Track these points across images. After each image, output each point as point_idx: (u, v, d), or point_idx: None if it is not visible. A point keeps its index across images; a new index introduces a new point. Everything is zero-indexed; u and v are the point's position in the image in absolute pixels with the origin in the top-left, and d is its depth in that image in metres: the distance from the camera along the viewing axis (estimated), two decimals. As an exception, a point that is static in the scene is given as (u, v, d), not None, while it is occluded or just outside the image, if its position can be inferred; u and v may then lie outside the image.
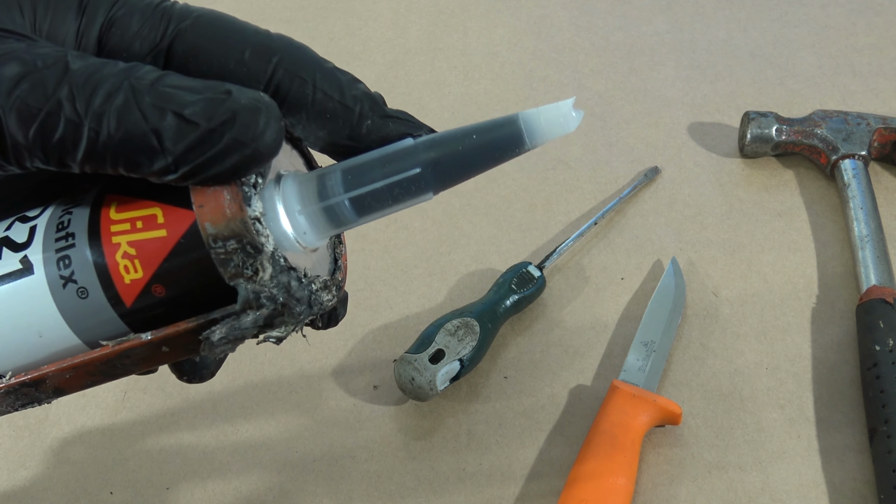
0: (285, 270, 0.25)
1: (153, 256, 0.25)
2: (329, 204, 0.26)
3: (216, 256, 0.25)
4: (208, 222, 0.24)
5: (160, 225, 0.25)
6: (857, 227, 0.61)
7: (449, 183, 0.26)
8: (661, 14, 0.84)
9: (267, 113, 0.24)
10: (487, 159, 0.25)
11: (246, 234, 0.24)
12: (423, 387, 0.51)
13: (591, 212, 0.66)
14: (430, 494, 0.50)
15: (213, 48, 0.26)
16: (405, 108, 0.82)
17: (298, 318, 0.27)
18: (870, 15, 0.83)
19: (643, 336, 0.56)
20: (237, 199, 0.24)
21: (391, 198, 0.26)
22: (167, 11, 0.27)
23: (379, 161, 0.26)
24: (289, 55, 0.26)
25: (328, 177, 0.26)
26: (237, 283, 0.25)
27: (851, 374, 0.55)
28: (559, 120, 0.25)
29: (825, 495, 0.49)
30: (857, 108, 0.73)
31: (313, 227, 0.26)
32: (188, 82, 0.24)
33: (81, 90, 0.23)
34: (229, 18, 0.27)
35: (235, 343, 0.26)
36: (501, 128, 0.25)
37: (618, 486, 0.47)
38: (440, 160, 0.25)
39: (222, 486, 0.51)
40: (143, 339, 0.26)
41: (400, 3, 0.86)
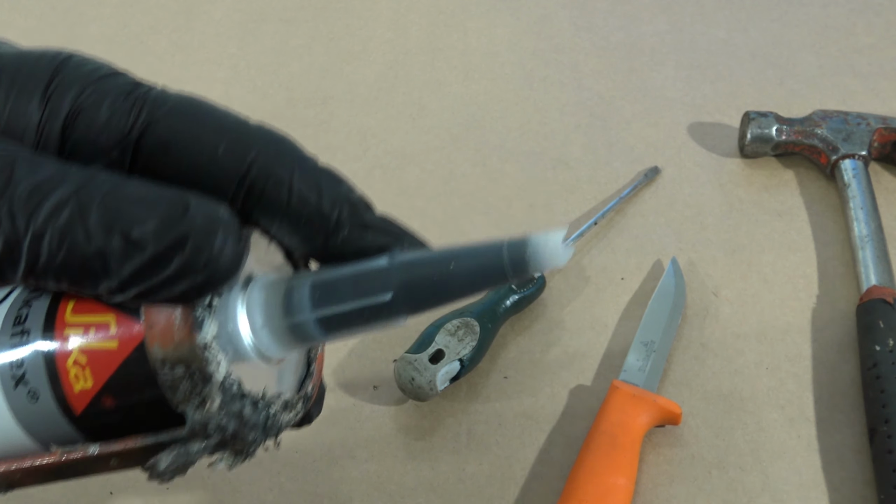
0: (237, 398, 0.24)
1: (103, 367, 0.24)
2: (295, 321, 0.24)
3: (163, 381, 0.23)
4: (156, 344, 0.23)
5: (112, 336, 0.24)
6: (857, 227, 0.61)
7: (423, 309, 0.24)
8: (661, 14, 0.84)
9: (224, 234, 0.22)
10: (465, 289, 0.23)
11: (194, 361, 0.23)
12: (423, 387, 0.51)
13: (591, 212, 0.66)
14: (430, 494, 0.50)
15: (185, 142, 0.24)
16: (405, 107, 0.82)
17: (251, 446, 0.25)
18: (870, 15, 0.83)
19: (643, 336, 0.56)
20: (188, 323, 0.23)
21: (361, 320, 0.24)
22: (139, 99, 0.25)
23: (350, 280, 0.24)
24: (266, 151, 0.24)
25: (296, 291, 0.24)
26: (185, 411, 0.24)
27: (851, 374, 0.55)
28: (547, 254, 0.22)
29: (825, 495, 0.49)
30: (857, 108, 0.73)
31: (277, 343, 0.25)
32: (145, 193, 0.22)
33: (23, 206, 0.21)
34: (207, 107, 0.25)
35: (184, 468, 0.25)
36: (483, 256, 0.23)
37: (618, 486, 0.47)
38: (413, 287, 0.23)
39: (222, 486, 0.51)
40: (89, 453, 0.25)
41: (400, 3, 0.86)
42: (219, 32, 0.84)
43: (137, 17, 0.86)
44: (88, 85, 0.25)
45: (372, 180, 0.69)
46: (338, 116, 0.74)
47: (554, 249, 0.22)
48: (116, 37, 0.84)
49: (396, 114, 0.75)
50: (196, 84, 0.78)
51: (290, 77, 0.79)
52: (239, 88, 0.77)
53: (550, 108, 0.74)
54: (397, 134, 0.73)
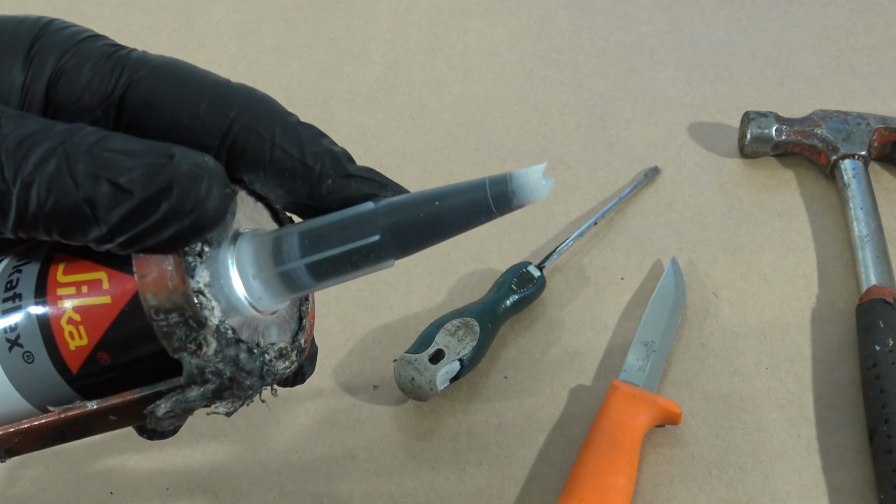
0: (233, 343, 0.24)
1: (98, 323, 0.24)
2: (285, 269, 0.25)
3: (158, 329, 0.24)
4: (150, 294, 0.23)
5: (105, 291, 0.24)
6: (857, 227, 0.61)
7: (411, 250, 0.24)
8: (661, 14, 0.84)
9: (209, 180, 0.22)
10: (451, 227, 0.24)
11: (188, 307, 0.23)
12: (423, 387, 0.51)
13: (591, 212, 0.66)
14: (430, 494, 0.50)
15: (167, 101, 0.25)
16: (405, 107, 0.82)
17: (248, 392, 0.26)
18: (870, 15, 0.83)
19: (643, 336, 0.56)
20: (179, 270, 0.23)
21: (350, 264, 0.24)
22: (121, 60, 0.25)
23: (337, 226, 0.24)
24: (247, 108, 0.25)
25: (284, 240, 0.25)
26: (181, 357, 0.24)
27: (851, 374, 0.55)
28: (529, 187, 0.23)
29: (825, 495, 0.49)
30: (857, 108, 0.73)
31: (269, 292, 0.25)
32: (130, 145, 0.22)
33: (11, 157, 0.22)
34: (187, 67, 0.26)
35: (183, 416, 0.25)
36: (467, 194, 0.23)
37: (618, 486, 0.47)
38: (400, 227, 0.24)
39: (222, 486, 0.51)
40: (88, 409, 0.25)
41: (400, 3, 0.86)
42: (219, 32, 0.84)
43: (137, 17, 0.86)
44: (70, 48, 0.25)
45: (372, 180, 0.68)
46: (338, 116, 0.74)
47: (535, 183, 0.22)
48: (116, 37, 0.83)
49: (396, 114, 0.75)
50: (196, 84, 0.78)
51: (290, 77, 0.79)
52: (239, 88, 0.77)
53: (550, 108, 0.74)
54: (397, 134, 0.73)
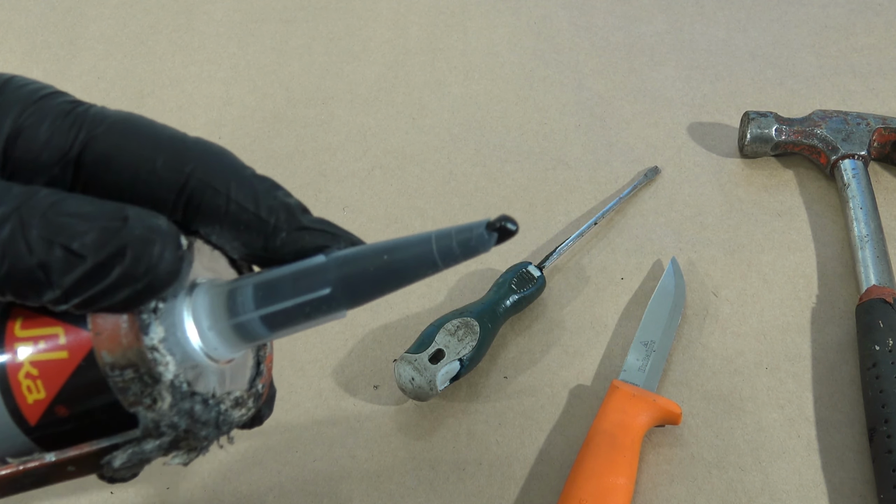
0: (187, 397, 0.25)
1: (55, 378, 0.25)
2: (239, 321, 0.25)
3: (114, 384, 0.24)
4: (105, 350, 0.24)
5: (62, 346, 0.24)
6: (856, 227, 0.61)
7: (361, 302, 0.25)
8: (661, 14, 0.84)
9: (162, 243, 0.23)
10: (400, 280, 0.24)
11: (142, 364, 0.24)
12: (423, 387, 0.51)
13: (591, 212, 0.66)
14: (430, 494, 0.50)
15: (124, 157, 0.25)
16: (405, 107, 0.82)
17: (204, 442, 0.26)
18: (870, 15, 0.83)
19: (643, 336, 0.56)
20: (134, 328, 0.24)
21: (303, 316, 0.25)
22: (79, 117, 0.26)
23: (290, 278, 0.25)
24: (203, 163, 0.25)
25: (239, 292, 0.25)
26: (137, 411, 0.24)
27: (851, 374, 0.55)
28: (471, 243, 0.23)
29: (825, 495, 0.49)
30: (856, 108, 0.73)
31: (224, 343, 0.26)
32: (84, 208, 0.23)
33: None
34: (145, 123, 0.26)
35: (139, 466, 0.26)
36: (414, 248, 0.24)
37: (618, 486, 0.47)
38: (350, 280, 0.25)
39: (222, 486, 0.51)
40: (47, 461, 0.26)
41: (400, 3, 0.86)
42: (219, 32, 0.84)
43: (137, 17, 0.86)
44: (29, 105, 0.25)
45: (372, 180, 0.69)
46: (338, 116, 0.74)
47: (477, 238, 0.23)
48: (116, 37, 0.84)
49: (396, 114, 0.75)
50: (196, 84, 0.78)
51: (290, 77, 0.79)
52: (239, 88, 0.77)
53: (550, 108, 0.74)
54: (397, 134, 0.73)
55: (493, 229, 0.23)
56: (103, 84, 0.78)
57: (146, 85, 0.78)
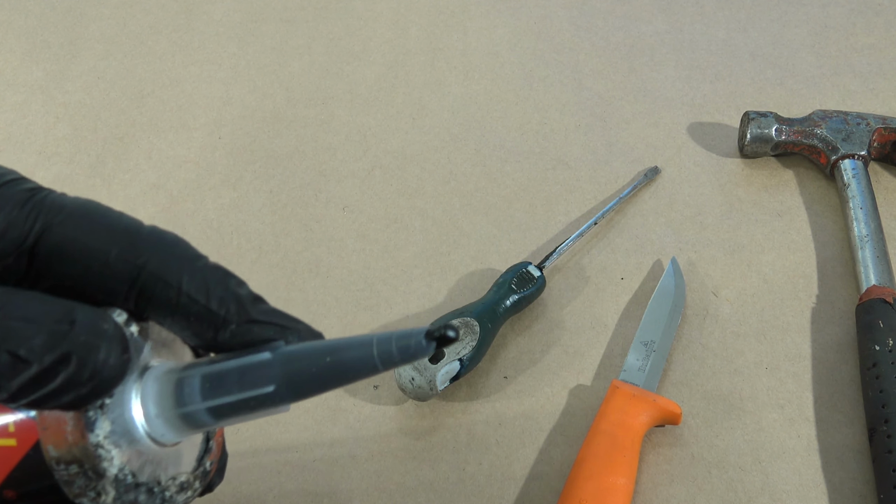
0: (132, 489, 0.25)
1: (4, 463, 0.25)
2: (186, 411, 0.26)
3: (59, 477, 0.25)
4: (51, 445, 0.24)
5: (11, 434, 0.25)
6: (856, 227, 0.61)
7: (303, 397, 0.26)
8: (661, 14, 0.84)
9: (107, 349, 0.23)
10: (341, 378, 0.25)
11: (86, 460, 0.24)
12: (423, 387, 0.51)
13: (591, 212, 0.66)
14: (430, 494, 0.50)
15: (78, 249, 0.26)
16: (405, 107, 0.82)
17: None
18: (870, 15, 0.83)
19: (643, 336, 0.56)
20: (79, 426, 0.24)
21: (247, 408, 0.26)
22: (35, 206, 0.26)
23: (236, 373, 0.26)
24: (155, 256, 0.26)
25: (187, 382, 0.26)
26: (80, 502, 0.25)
27: (851, 373, 0.55)
28: (410, 349, 0.24)
29: (825, 495, 0.50)
30: (856, 108, 0.73)
31: (171, 430, 0.26)
32: (32, 310, 0.23)
33: None
34: (102, 212, 0.27)
35: None
36: (356, 350, 0.25)
37: (618, 486, 0.47)
38: (294, 378, 0.25)
39: (222, 486, 0.51)
40: None
41: (400, 3, 0.86)
42: (219, 32, 0.84)
43: (137, 17, 0.86)
44: None
45: (372, 180, 0.69)
46: (338, 116, 0.74)
47: (416, 345, 0.24)
48: (116, 37, 0.84)
49: (396, 114, 0.75)
50: (196, 84, 0.78)
51: (290, 77, 0.79)
52: (239, 88, 0.77)
53: (550, 108, 0.74)
54: (397, 134, 0.73)
55: (432, 338, 0.24)
56: (103, 84, 0.78)
57: (146, 85, 0.78)
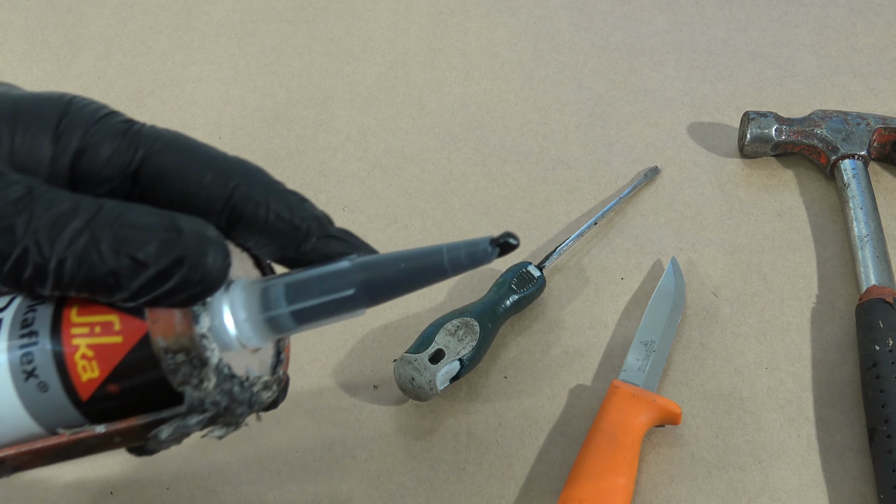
0: (228, 378, 0.28)
1: (109, 359, 0.28)
2: (272, 315, 0.29)
3: (166, 366, 0.27)
4: (160, 336, 0.27)
5: (116, 332, 0.28)
6: (856, 227, 0.61)
7: (379, 301, 0.28)
8: (661, 14, 0.84)
9: (214, 252, 0.27)
10: (413, 284, 0.28)
11: (193, 349, 0.27)
12: (423, 387, 0.51)
13: (591, 212, 0.66)
14: (430, 494, 0.50)
15: (177, 173, 0.29)
16: (405, 107, 0.82)
17: (239, 419, 0.30)
18: (870, 15, 0.83)
19: (643, 336, 0.56)
20: (187, 318, 0.27)
21: (327, 312, 0.29)
22: (136, 136, 0.29)
23: (318, 279, 0.29)
24: (245, 180, 0.29)
25: (272, 290, 0.29)
26: (184, 390, 0.28)
27: (851, 374, 0.55)
28: (477, 255, 0.27)
29: (825, 495, 0.50)
30: (856, 108, 0.73)
31: (257, 334, 0.29)
32: (144, 219, 0.26)
33: (46, 236, 0.25)
34: (193, 143, 0.30)
35: (180, 439, 0.29)
36: (428, 258, 0.28)
37: (618, 486, 0.47)
38: (371, 284, 0.28)
39: (222, 486, 0.51)
40: (96, 432, 0.29)
41: (400, 3, 0.86)
42: (219, 32, 0.84)
43: (137, 17, 0.86)
44: (91, 125, 0.29)
45: (372, 180, 0.69)
46: (338, 116, 0.74)
47: (482, 251, 0.27)
48: (116, 37, 0.84)
49: (396, 114, 0.75)
50: (196, 84, 0.78)
51: (290, 77, 0.79)
52: (239, 88, 0.77)
53: (550, 108, 0.74)
54: (397, 134, 0.73)
55: (497, 244, 0.27)
56: (103, 84, 0.78)
57: (146, 85, 0.78)
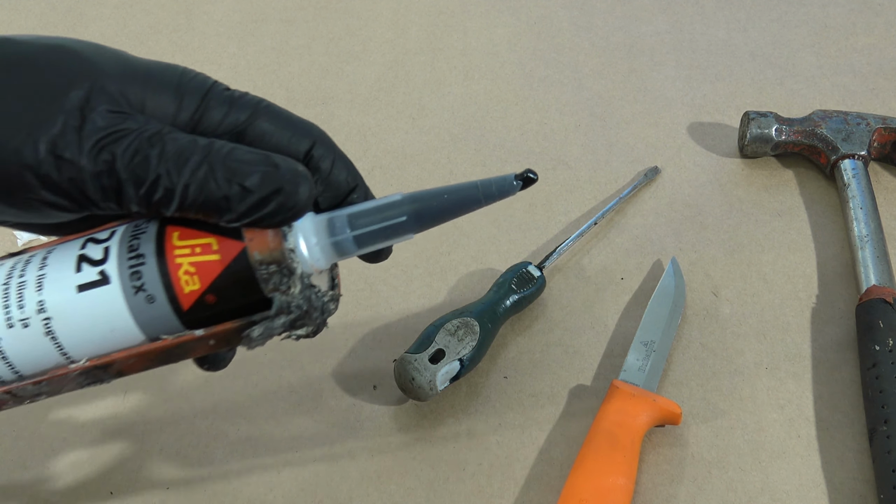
0: (308, 287, 0.35)
1: (208, 274, 0.34)
2: (337, 239, 0.35)
3: (260, 276, 0.34)
4: (256, 251, 0.33)
5: (214, 251, 0.34)
6: (856, 227, 0.61)
7: (426, 227, 0.35)
8: (661, 14, 0.84)
9: (305, 183, 0.33)
10: (453, 212, 0.35)
11: (283, 260, 0.33)
12: (423, 387, 0.51)
13: (591, 212, 0.66)
14: (430, 494, 0.50)
15: (273, 133, 0.36)
16: (405, 107, 0.82)
17: (315, 321, 0.36)
18: (870, 15, 0.83)
19: (643, 336, 0.56)
20: (278, 236, 0.33)
21: (383, 236, 0.35)
22: (239, 103, 0.36)
23: (375, 210, 0.35)
24: (320, 140, 0.37)
25: (337, 219, 0.35)
26: (274, 296, 0.34)
27: (851, 373, 0.55)
28: (505, 187, 0.34)
29: (825, 495, 0.50)
30: (857, 108, 0.73)
31: (324, 255, 0.35)
32: (249, 156, 0.33)
33: (175, 167, 0.32)
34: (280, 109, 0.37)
35: (267, 339, 0.35)
36: (465, 191, 0.35)
37: (618, 486, 0.47)
38: (419, 211, 0.35)
39: (222, 486, 0.51)
40: (196, 335, 0.35)
41: (400, 3, 0.86)
42: (219, 32, 0.84)
43: (137, 17, 0.86)
44: (205, 92, 0.36)
45: (372, 180, 0.68)
46: (338, 116, 0.74)
47: (509, 184, 0.34)
48: (116, 37, 0.84)
49: (396, 114, 0.75)
50: (196, 84, 0.78)
51: (290, 77, 0.79)
52: (239, 88, 0.77)
53: (550, 108, 0.74)
54: (397, 134, 0.73)
55: (520, 178, 0.34)
56: (103, 84, 0.78)
57: (146, 85, 0.78)
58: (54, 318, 0.35)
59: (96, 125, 0.32)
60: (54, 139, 0.31)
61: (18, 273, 0.35)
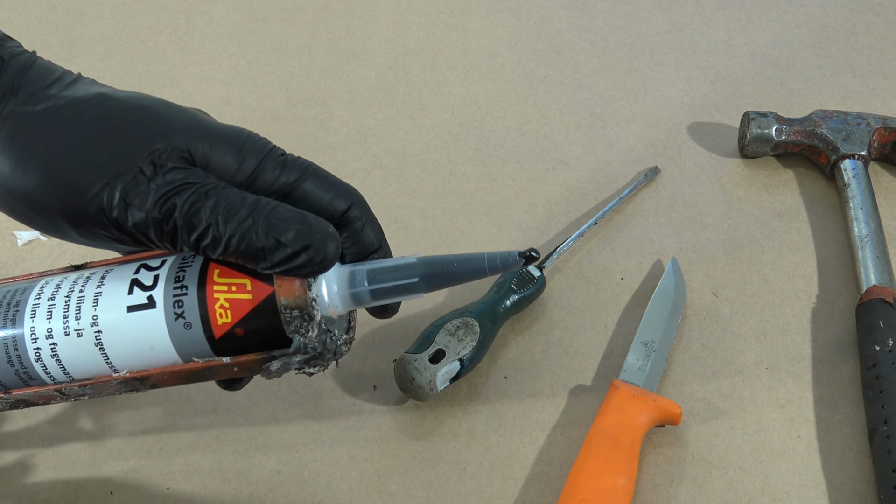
0: (325, 332, 0.39)
1: (240, 310, 0.38)
2: (356, 291, 0.40)
3: (284, 318, 0.38)
4: (283, 296, 0.38)
5: (248, 291, 0.38)
6: (857, 227, 0.61)
7: (433, 289, 0.39)
8: (661, 14, 0.84)
9: (332, 243, 0.38)
10: (460, 279, 0.39)
11: (306, 307, 0.38)
12: (423, 387, 0.51)
13: (591, 212, 0.66)
14: (430, 494, 0.50)
15: (316, 192, 0.41)
16: (405, 107, 0.82)
17: (327, 361, 0.40)
18: (870, 15, 0.83)
19: (643, 336, 0.56)
20: (304, 286, 0.38)
21: (395, 292, 0.39)
22: (290, 165, 0.41)
23: (392, 268, 0.40)
24: (356, 203, 0.42)
25: (357, 273, 0.40)
26: (294, 336, 0.38)
27: (851, 374, 0.55)
28: (508, 263, 0.38)
29: (825, 495, 0.50)
30: (857, 108, 0.73)
31: (342, 304, 0.40)
32: (286, 214, 0.37)
33: (223, 219, 0.37)
34: (323, 172, 0.42)
35: (284, 372, 0.40)
36: (473, 262, 0.39)
37: (618, 486, 0.47)
38: (430, 275, 0.39)
39: (222, 486, 0.51)
40: (223, 362, 0.39)
41: (400, 3, 0.86)
42: (219, 32, 0.84)
43: (137, 17, 0.86)
44: (263, 156, 0.41)
45: (372, 180, 0.69)
46: (338, 116, 0.74)
47: (512, 259, 0.38)
48: (116, 37, 0.84)
49: (396, 114, 0.75)
50: (196, 84, 0.78)
51: (290, 77, 0.79)
52: (239, 88, 0.77)
53: (550, 108, 0.74)
54: (397, 134, 0.73)
55: (523, 256, 0.38)
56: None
57: (146, 85, 0.78)
58: (105, 332, 0.39)
59: (164, 179, 0.37)
60: (127, 189, 0.37)
61: (79, 288, 0.40)
